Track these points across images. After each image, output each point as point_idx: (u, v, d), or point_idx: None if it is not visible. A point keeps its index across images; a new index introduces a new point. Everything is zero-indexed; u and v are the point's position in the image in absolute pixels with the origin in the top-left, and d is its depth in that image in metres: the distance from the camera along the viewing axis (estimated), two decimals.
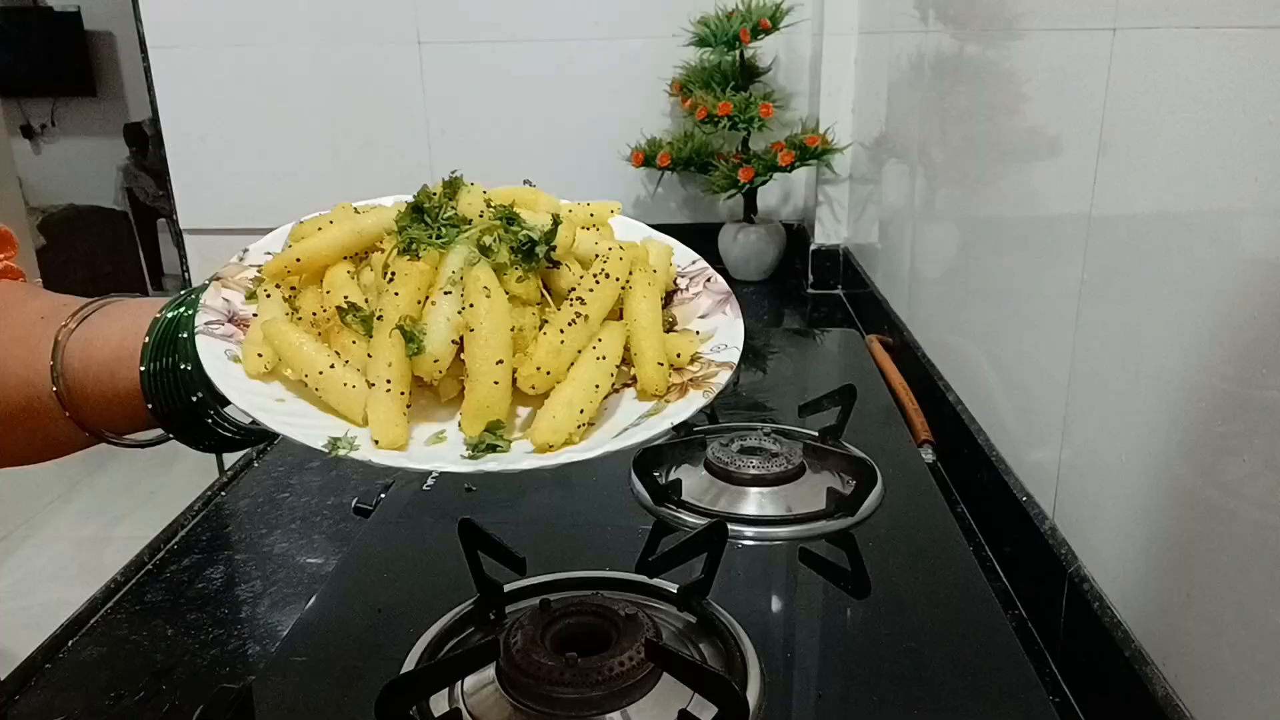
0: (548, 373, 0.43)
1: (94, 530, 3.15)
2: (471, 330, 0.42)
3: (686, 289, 0.53)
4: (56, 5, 5.29)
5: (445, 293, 0.43)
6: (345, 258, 0.48)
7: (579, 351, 0.44)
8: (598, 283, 0.46)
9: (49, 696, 0.63)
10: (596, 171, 1.80)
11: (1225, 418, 0.49)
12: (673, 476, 0.80)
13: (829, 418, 0.88)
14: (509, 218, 0.46)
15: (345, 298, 0.45)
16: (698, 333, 0.50)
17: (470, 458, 0.42)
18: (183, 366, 0.48)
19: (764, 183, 1.62)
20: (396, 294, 0.43)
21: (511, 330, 0.43)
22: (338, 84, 1.81)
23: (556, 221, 0.46)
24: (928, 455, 0.96)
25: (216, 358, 0.45)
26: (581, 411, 0.43)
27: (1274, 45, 0.45)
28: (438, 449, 0.43)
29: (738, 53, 1.61)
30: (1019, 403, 0.81)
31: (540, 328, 0.45)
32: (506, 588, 0.64)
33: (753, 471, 0.79)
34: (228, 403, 0.47)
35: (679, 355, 0.48)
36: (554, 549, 0.71)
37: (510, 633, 0.57)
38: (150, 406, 0.49)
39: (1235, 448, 0.48)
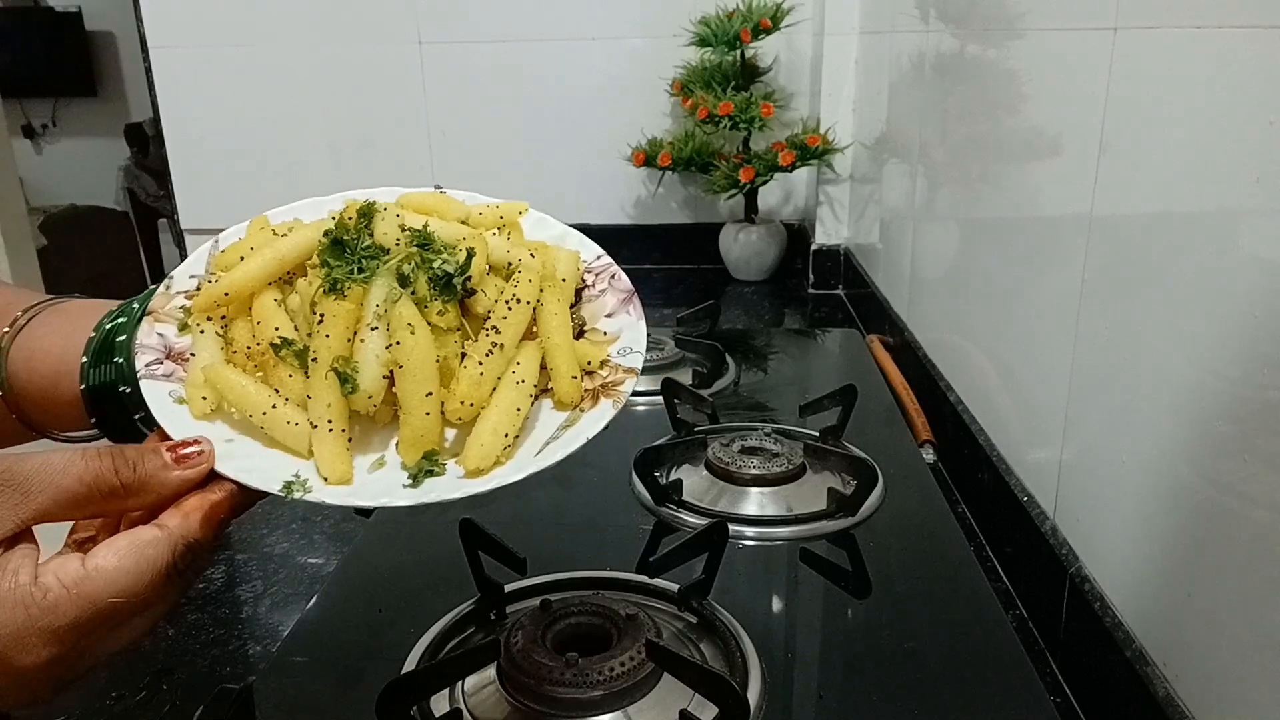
0: (471, 404, 0.46)
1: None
2: (400, 366, 0.45)
3: (593, 285, 0.55)
4: (57, 5, 5.29)
5: (372, 328, 0.45)
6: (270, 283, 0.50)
7: (499, 378, 0.47)
8: (510, 309, 0.48)
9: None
10: (597, 172, 1.80)
11: (1226, 418, 0.49)
12: (673, 476, 0.80)
13: (830, 418, 0.88)
14: (423, 243, 0.48)
15: (276, 330, 0.47)
16: (605, 333, 0.53)
17: (411, 486, 0.45)
18: (122, 389, 0.49)
19: (765, 183, 1.62)
20: (327, 335, 0.45)
21: (436, 361, 0.46)
22: (338, 84, 1.81)
23: (470, 253, 0.49)
24: (928, 455, 0.96)
25: (163, 403, 0.46)
26: (506, 435, 0.46)
27: (1274, 45, 0.45)
28: (380, 476, 0.46)
29: (738, 53, 1.61)
30: (1020, 402, 0.81)
31: (461, 359, 0.47)
32: (507, 588, 0.64)
33: (753, 471, 0.79)
34: None
35: (589, 362, 0.50)
36: (555, 549, 0.71)
37: (511, 633, 0.57)
38: (94, 421, 0.51)
39: (1236, 448, 0.48)
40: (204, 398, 0.46)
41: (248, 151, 1.85)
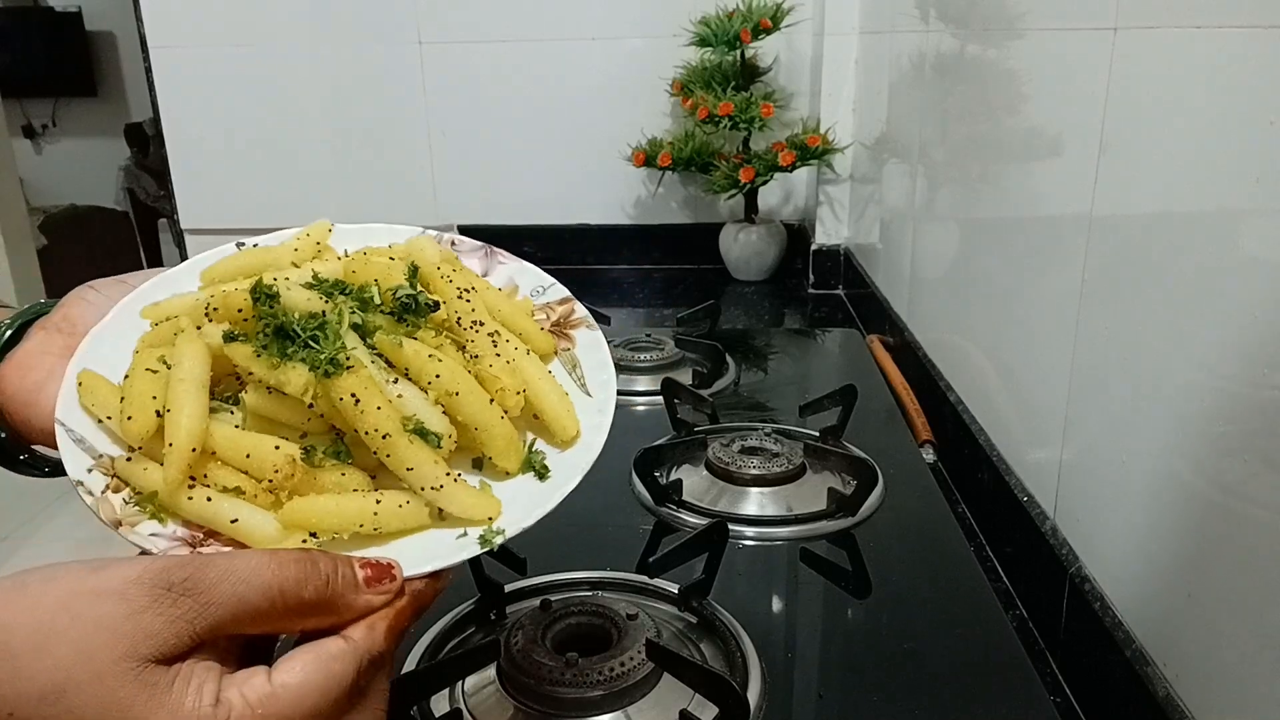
0: (520, 391, 0.46)
1: (95, 531, 3.14)
2: (455, 394, 0.44)
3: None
4: (57, 5, 5.29)
5: (393, 381, 0.44)
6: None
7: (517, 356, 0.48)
8: (468, 300, 0.48)
9: None
10: (597, 172, 1.80)
11: (1226, 418, 0.49)
12: (673, 477, 0.80)
13: (830, 418, 0.88)
14: (344, 289, 0.47)
15: (277, 449, 0.42)
16: (502, 290, 0.54)
17: (539, 480, 0.46)
18: None
19: (765, 183, 1.62)
20: (379, 408, 0.42)
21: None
22: (338, 84, 1.81)
23: (414, 268, 0.48)
24: (928, 455, 0.96)
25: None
26: (565, 394, 0.47)
27: (1274, 45, 0.45)
28: (512, 494, 0.45)
29: (738, 53, 1.61)
30: (1020, 402, 0.81)
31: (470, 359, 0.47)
32: (507, 588, 0.64)
33: (753, 471, 0.79)
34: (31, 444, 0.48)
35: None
36: (555, 549, 0.71)
37: (511, 633, 0.57)
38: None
39: (1236, 448, 0.48)
40: (305, 538, 0.41)
41: (248, 151, 1.85)
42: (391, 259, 0.50)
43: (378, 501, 0.43)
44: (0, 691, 0.31)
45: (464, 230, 1.87)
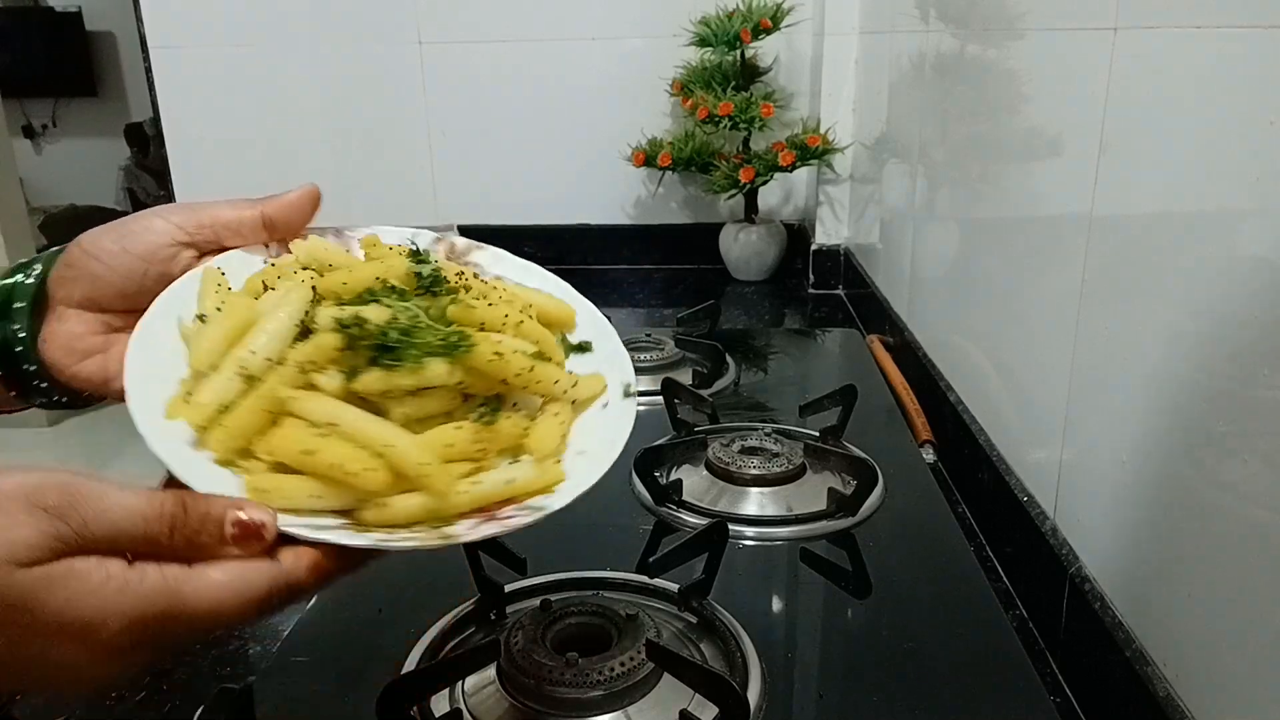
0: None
1: None
2: (521, 324, 0.48)
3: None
4: (57, 5, 5.29)
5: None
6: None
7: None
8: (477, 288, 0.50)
9: (50, 697, 0.63)
10: (597, 172, 1.80)
11: (1226, 417, 0.49)
12: (673, 477, 0.80)
13: (830, 418, 0.88)
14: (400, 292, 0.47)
15: (478, 414, 0.45)
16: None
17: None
18: (17, 349, 0.48)
19: (765, 183, 1.62)
20: (515, 351, 0.46)
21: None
22: (338, 84, 1.81)
23: (418, 252, 0.50)
24: (928, 455, 0.96)
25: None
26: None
27: (1274, 45, 0.45)
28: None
29: (738, 53, 1.61)
30: (1020, 402, 0.81)
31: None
32: (507, 588, 0.64)
33: (753, 472, 0.79)
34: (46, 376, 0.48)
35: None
36: (554, 549, 0.71)
37: (511, 633, 0.57)
38: (13, 393, 0.49)
39: (1236, 448, 0.48)
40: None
41: (248, 151, 1.85)
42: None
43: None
44: None
45: (464, 230, 1.88)
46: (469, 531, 0.42)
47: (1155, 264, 0.57)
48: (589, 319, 0.55)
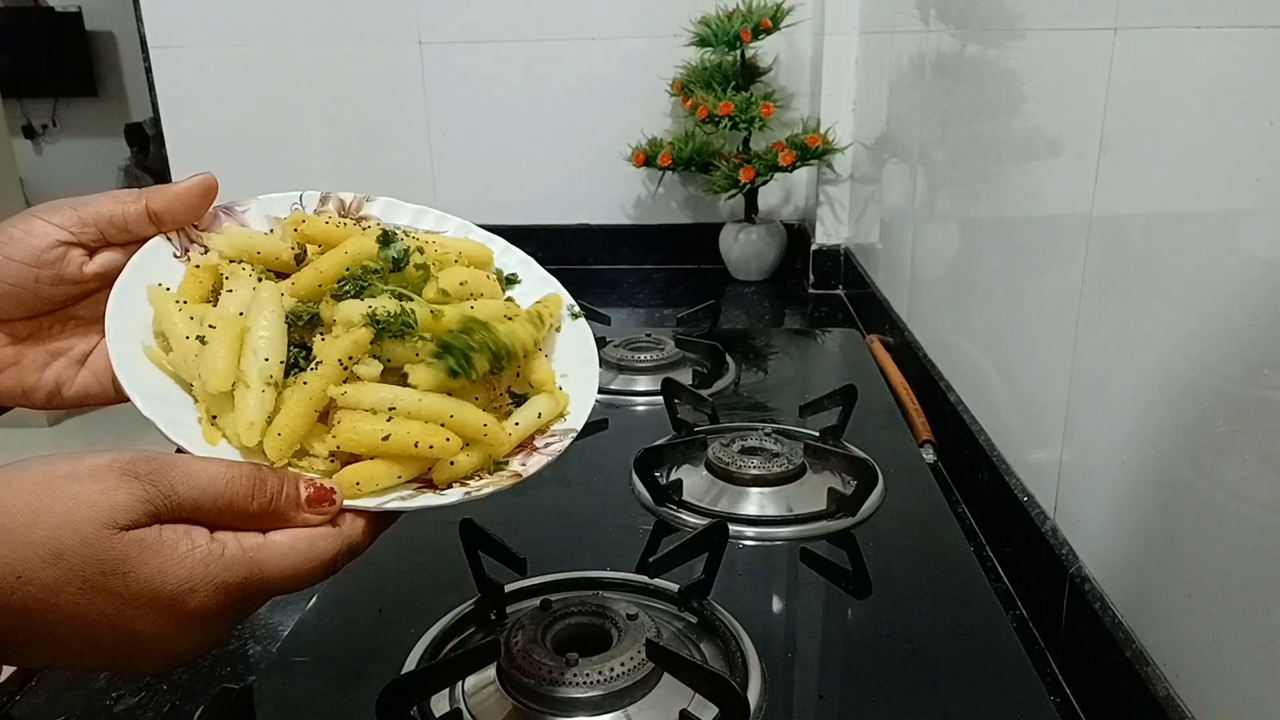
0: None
1: None
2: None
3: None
4: (57, 5, 5.29)
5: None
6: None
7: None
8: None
9: (49, 696, 0.63)
10: (597, 172, 1.80)
11: (1226, 417, 0.49)
12: (674, 477, 0.80)
13: (830, 418, 0.88)
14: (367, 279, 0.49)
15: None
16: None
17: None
18: None
19: (765, 183, 1.62)
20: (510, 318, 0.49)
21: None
22: (338, 84, 1.81)
23: (387, 234, 0.51)
24: (928, 455, 0.96)
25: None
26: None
27: (1274, 45, 0.45)
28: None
29: (738, 53, 1.61)
30: (1020, 403, 0.81)
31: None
32: (507, 588, 0.64)
33: (754, 472, 0.79)
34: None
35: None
36: (555, 549, 0.71)
37: (511, 633, 0.57)
38: None
39: (1236, 447, 0.48)
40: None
41: (248, 152, 1.85)
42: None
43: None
44: (5, 558, 0.34)
45: None
46: (527, 466, 0.46)
47: (1156, 264, 0.57)
48: (501, 250, 0.57)
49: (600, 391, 1.11)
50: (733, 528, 0.69)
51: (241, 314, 0.46)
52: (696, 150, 1.64)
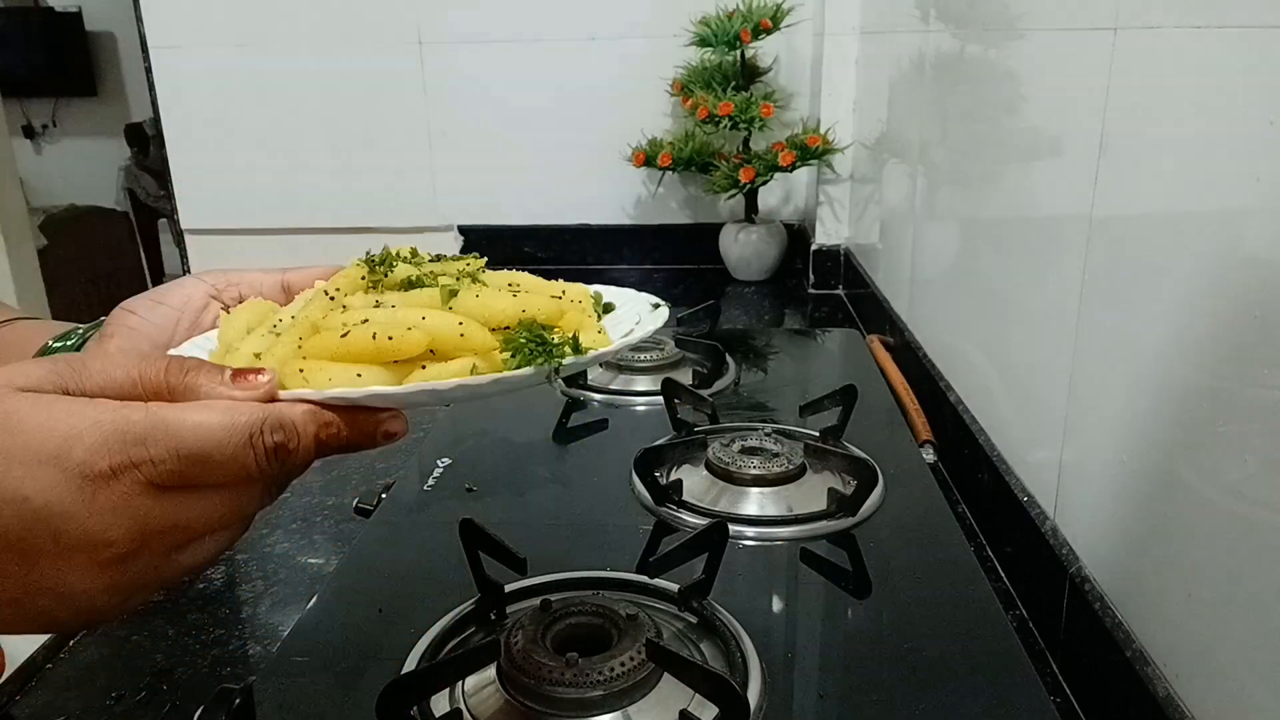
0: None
1: None
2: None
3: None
4: (57, 5, 5.29)
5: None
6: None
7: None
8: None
9: (49, 697, 0.63)
10: (597, 172, 1.80)
11: (1226, 418, 0.49)
12: (673, 477, 0.80)
13: (830, 418, 0.88)
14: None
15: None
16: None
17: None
18: None
19: (765, 183, 1.63)
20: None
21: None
22: (338, 84, 1.81)
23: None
24: (929, 455, 0.96)
25: None
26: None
27: (1274, 45, 0.45)
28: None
29: (738, 53, 1.61)
30: (1020, 402, 0.81)
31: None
32: (507, 588, 0.64)
33: (754, 472, 0.79)
34: None
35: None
36: (555, 549, 0.71)
37: (511, 633, 0.57)
38: None
39: (1236, 448, 0.48)
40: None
41: (248, 151, 1.85)
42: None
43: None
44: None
45: (464, 230, 1.89)
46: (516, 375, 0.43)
47: (1155, 264, 0.57)
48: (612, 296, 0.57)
49: (600, 391, 1.11)
50: (733, 528, 0.69)
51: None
52: (696, 150, 1.64)
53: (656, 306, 0.54)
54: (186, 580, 0.77)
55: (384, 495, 0.83)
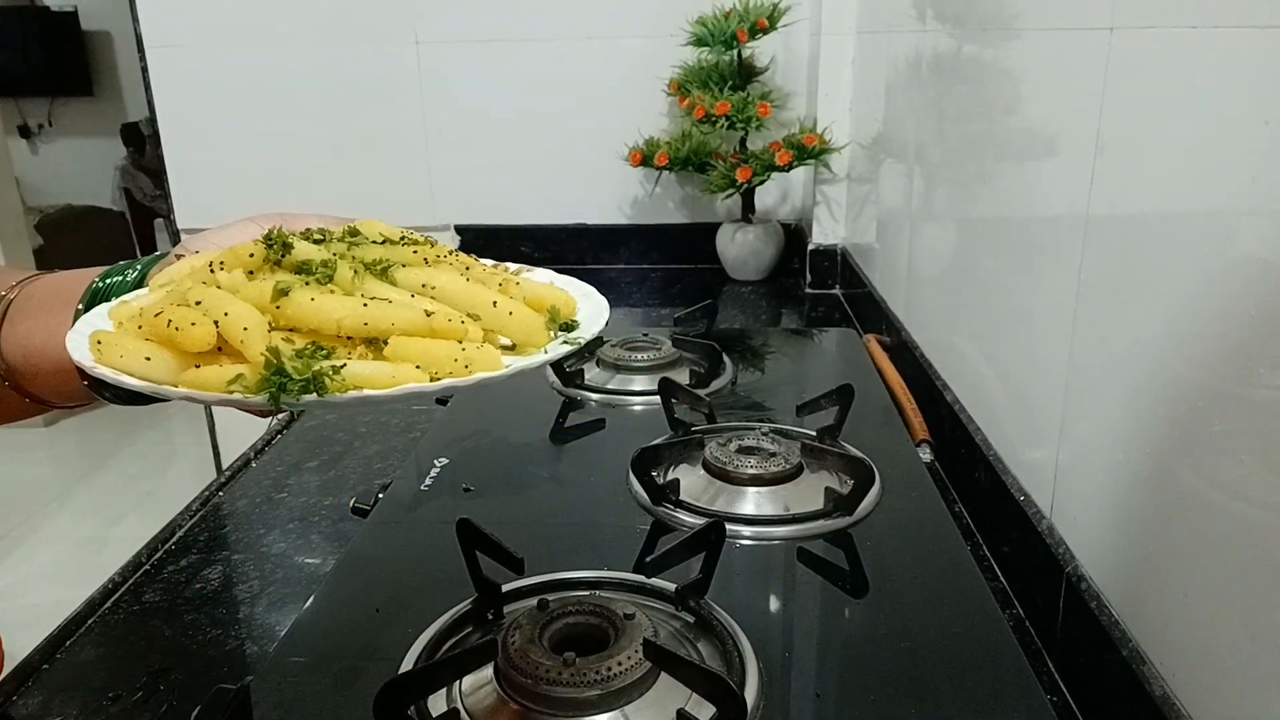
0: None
1: (92, 531, 3.15)
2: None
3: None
4: (54, 5, 5.28)
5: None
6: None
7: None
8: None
9: (46, 697, 0.63)
10: (594, 171, 1.80)
11: (1223, 417, 0.49)
12: (671, 476, 0.80)
13: (827, 417, 0.88)
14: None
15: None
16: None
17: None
18: None
19: (762, 182, 1.63)
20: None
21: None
22: (335, 83, 1.81)
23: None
24: (925, 455, 0.96)
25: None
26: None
27: (1272, 45, 0.45)
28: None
29: (735, 52, 1.61)
30: (1016, 402, 0.81)
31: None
32: (504, 587, 0.64)
33: (751, 471, 0.79)
34: None
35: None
36: (552, 549, 0.71)
37: (508, 632, 0.57)
38: (87, 384, 0.52)
39: (1233, 447, 0.48)
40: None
41: (244, 151, 1.85)
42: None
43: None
44: None
45: (461, 230, 1.88)
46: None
47: (1151, 263, 0.57)
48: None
49: (597, 391, 1.11)
50: (730, 527, 0.69)
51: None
52: (693, 150, 1.64)
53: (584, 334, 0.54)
54: (184, 581, 0.77)
55: (381, 495, 0.83)
